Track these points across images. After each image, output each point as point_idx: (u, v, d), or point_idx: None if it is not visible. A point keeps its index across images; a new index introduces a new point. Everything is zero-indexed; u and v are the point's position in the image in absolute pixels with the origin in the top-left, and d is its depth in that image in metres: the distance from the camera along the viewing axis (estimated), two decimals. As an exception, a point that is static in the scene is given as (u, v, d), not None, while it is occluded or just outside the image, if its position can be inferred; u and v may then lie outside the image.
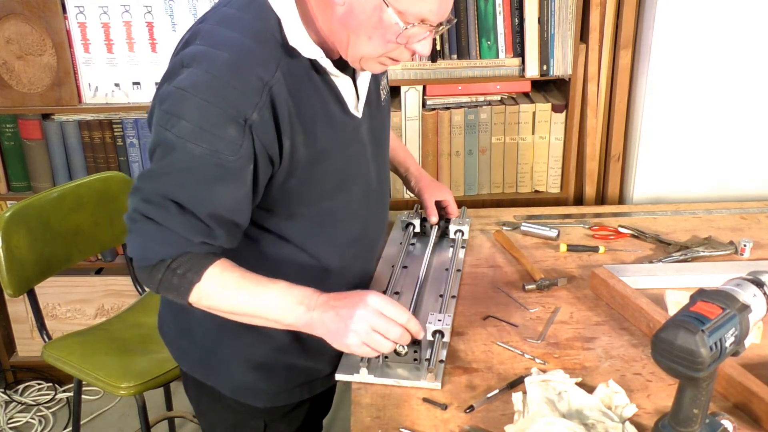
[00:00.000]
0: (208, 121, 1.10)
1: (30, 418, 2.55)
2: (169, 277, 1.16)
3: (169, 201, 1.13)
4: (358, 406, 1.24)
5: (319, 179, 1.25)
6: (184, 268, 1.15)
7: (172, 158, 1.12)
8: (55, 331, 2.37)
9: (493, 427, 1.18)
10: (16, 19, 2.19)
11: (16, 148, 2.37)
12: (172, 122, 1.11)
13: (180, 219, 1.13)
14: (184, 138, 1.10)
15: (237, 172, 1.14)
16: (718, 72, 2.16)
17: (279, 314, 1.18)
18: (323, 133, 1.22)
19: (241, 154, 1.12)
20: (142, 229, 1.14)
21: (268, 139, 1.14)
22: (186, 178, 1.13)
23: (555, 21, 2.20)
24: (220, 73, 1.10)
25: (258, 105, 1.11)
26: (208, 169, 1.12)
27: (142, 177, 1.17)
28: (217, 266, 1.17)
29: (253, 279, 1.18)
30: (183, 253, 1.16)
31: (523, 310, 1.51)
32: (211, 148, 1.10)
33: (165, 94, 1.13)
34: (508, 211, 2.00)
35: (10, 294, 1.89)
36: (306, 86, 1.19)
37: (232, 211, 1.17)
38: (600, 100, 2.32)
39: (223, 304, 1.19)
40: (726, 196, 2.25)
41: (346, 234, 1.36)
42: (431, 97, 2.30)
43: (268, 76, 1.12)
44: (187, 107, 1.10)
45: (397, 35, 1.13)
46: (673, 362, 1.00)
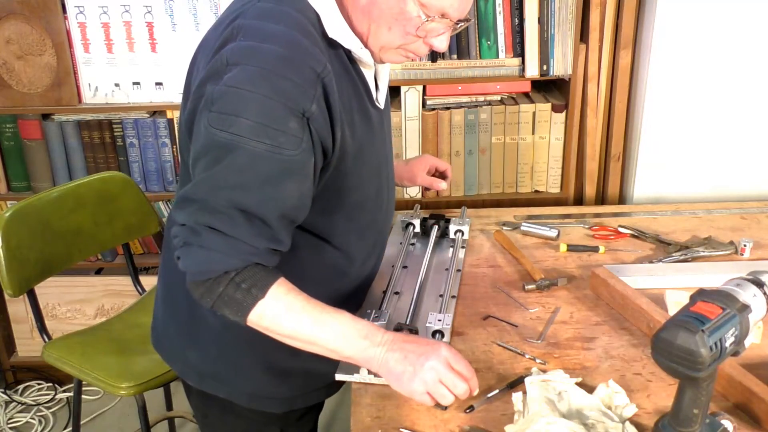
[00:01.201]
0: (269, 116, 1.06)
1: (30, 418, 2.55)
2: (231, 292, 1.11)
3: (233, 209, 1.08)
4: (358, 406, 1.24)
5: (358, 170, 1.25)
6: (249, 282, 1.11)
7: (231, 159, 1.07)
8: (55, 331, 2.37)
9: (493, 427, 1.18)
10: (16, 19, 2.19)
11: (16, 148, 2.37)
12: (228, 122, 1.07)
13: (246, 226, 1.09)
14: (244, 136, 1.06)
15: (300, 168, 1.11)
16: (718, 72, 2.16)
17: (340, 344, 1.15)
18: (360, 123, 1.23)
19: (303, 148, 1.10)
20: (205, 240, 1.08)
21: (325, 131, 1.13)
22: (248, 179, 1.08)
23: (555, 21, 2.20)
24: (275, 66, 1.07)
25: (315, 97, 1.09)
26: (271, 166, 1.08)
27: (197, 186, 1.10)
28: (282, 285, 1.14)
29: (318, 305, 1.15)
30: (247, 266, 1.11)
31: (523, 310, 1.51)
32: (274, 144, 1.07)
33: (215, 94, 1.08)
34: (508, 211, 2.00)
35: (10, 294, 1.89)
36: (345, 78, 1.19)
37: (296, 209, 1.15)
38: (600, 100, 2.32)
39: (284, 326, 1.15)
40: (726, 196, 2.25)
41: (370, 223, 1.37)
42: (431, 97, 2.30)
43: (320, 67, 1.11)
44: (244, 104, 1.06)
45: (417, 28, 1.14)
46: (673, 362, 1.00)
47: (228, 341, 1.33)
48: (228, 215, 1.08)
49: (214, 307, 1.13)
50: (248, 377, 1.36)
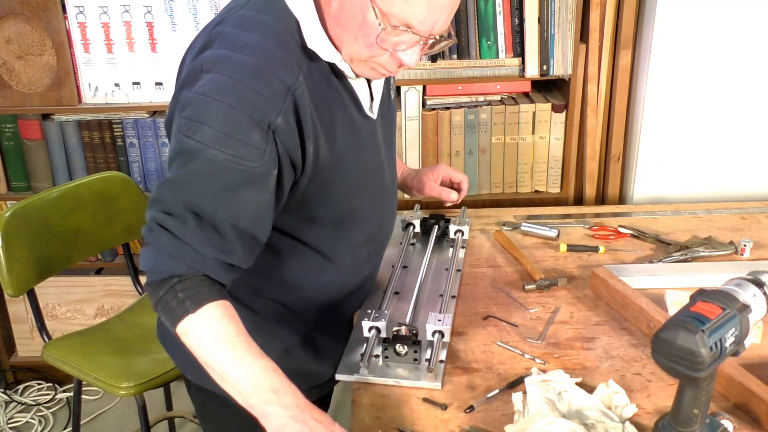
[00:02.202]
0: (232, 126, 1.07)
1: (30, 418, 2.55)
2: (169, 298, 1.10)
3: (188, 212, 1.09)
4: (358, 406, 1.24)
5: (341, 182, 1.24)
6: (187, 293, 1.09)
7: (194, 166, 1.09)
8: (55, 331, 2.37)
9: (493, 427, 1.18)
10: (16, 19, 2.19)
11: (16, 148, 2.37)
12: (193, 129, 1.08)
13: (196, 231, 1.09)
14: (206, 144, 1.07)
15: (260, 179, 1.10)
16: (718, 72, 2.16)
17: (247, 389, 1.09)
18: (343, 135, 1.21)
19: (265, 160, 1.09)
20: (156, 240, 1.10)
21: (292, 144, 1.12)
22: (207, 186, 1.09)
23: (555, 21, 2.20)
24: (244, 77, 1.08)
25: (282, 109, 1.09)
26: (230, 175, 1.09)
27: (160, 186, 1.12)
28: (219, 307, 1.10)
29: (245, 343, 1.10)
30: (192, 277, 1.10)
31: (523, 310, 1.51)
32: (235, 154, 1.07)
33: (186, 100, 1.10)
34: (508, 211, 1.99)
35: (10, 294, 1.89)
36: (325, 89, 1.18)
37: (253, 222, 1.13)
38: (600, 100, 2.32)
39: (203, 351, 1.10)
40: (726, 196, 2.25)
41: (362, 234, 1.36)
42: (431, 97, 2.30)
43: (291, 80, 1.10)
44: (209, 113, 1.07)
45: (377, 36, 1.09)
46: (673, 362, 1.00)
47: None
48: (181, 218, 1.08)
49: (156, 309, 1.12)
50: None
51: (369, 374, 1.29)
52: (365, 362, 1.29)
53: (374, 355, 1.33)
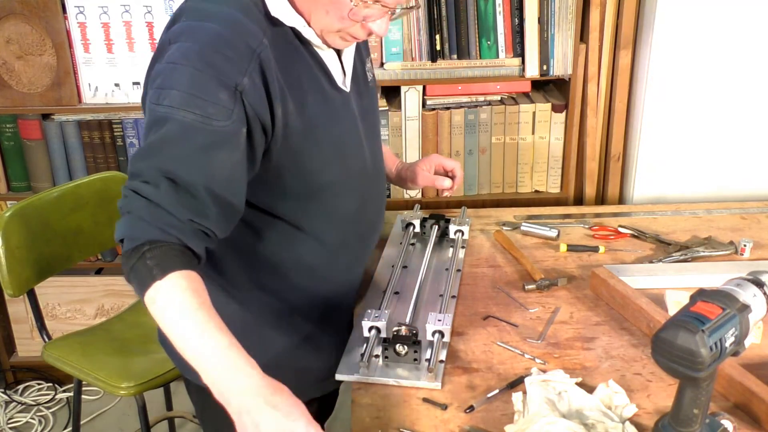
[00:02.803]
0: (199, 88, 1.10)
1: (30, 418, 2.55)
2: (139, 266, 1.07)
3: (162, 177, 1.09)
4: (358, 406, 1.24)
5: (314, 151, 1.25)
6: (156, 260, 1.07)
7: (165, 131, 1.10)
8: (55, 331, 2.37)
9: (493, 427, 1.18)
10: (16, 19, 2.19)
11: (16, 148, 2.37)
12: (163, 95, 1.11)
13: (170, 194, 1.09)
14: (175, 107, 1.10)
15: (230, 138, 1.12)
16: (718, 72, 2.16)
17: (203, 365, 1.05)
18: (314, 103, 1.23)
19: (234, 119, 1.12)
20: (130, 205, 1.10)
21: (260, 105, 1.14)
22: (179, 149, 1.10)
23: (555, 21, 2.20)
24: (210, 42, 1.12)
25: (248, 71, 1.12)
26: (201, 136, 1.10)
27: (134, 158, 1.14)
28: (185, 277, 1.07)
29: (209, 317, 1.05)
30: (164, 245, 1.07)
31: (523, 310, 1.51)
32: (203, 114, 1.10)
33: (156, 72, 1.14)
34: (508, 211, 1.99)
35: (10, 294, 1.89)
36: (292, 56, 1.21)
37: (227, 184, 1.13)
38: (600, 100, 2.33)
39: (165, 320, 1.07)
40: (726, 196, 2.25)
41: (344, 210, 1.36)
42: (431, 97, 2.30)
43: (256, 43, 1.14)
44: (177, 77, 1.10)
45: (349, 11, 1.16)
46: (673, 362, 1.00)
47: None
48: (154, 182, 1.09)
49: (129, 280, 1.09)
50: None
51: (369, 374, 1.29)
52: (365, 362, 1.29)
53: (374, 355, 1.33)
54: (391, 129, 2.28)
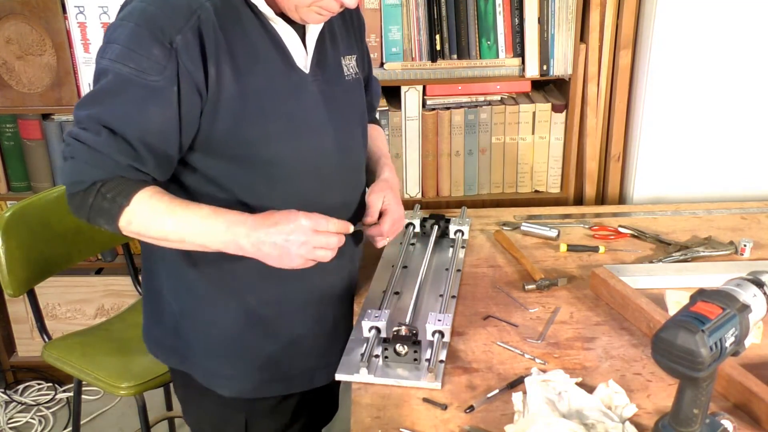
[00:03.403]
0: (135, 42, 1.17)
1: (30, 418, 2.55)
2: (99, 202, 1.20)
3: (100, 126, 1.18)
4: (358, 406, 1.24)
5: (255, 120, 1.27)
6: (114, 192, 1.19)
7: (104, 82, 1.19)
8: (55, 331, 2.37)
9: (493, 427, 1.18)
10: (16, 19, 2.19)
11: (16, 148, 2.37)
12: (107, 49, 1.19)
13: (109, 142, 1.18)
14: (114, 60, 1.17)
15: (162, 93, 1.18)
16: (718, 72, 2.16)
17: (207, 239, 1.23)
18: (260, 74, 1.26)
19: (166, 75, 1.17)
20: (73, 152, 1.19)
21: (193, 64, 1.19)
22: (116, 101, 1.18)
23: (555, 21, 2.20)
24: (153, 2, 1.19)
25: (183, 29, 1.17)
26: (135, 89, 1.17)
27: (78, 105, 1.22)
28: (147, 191, 1.21)
29: (182, 204, 1.23)
30: (113, 178, 1.20)
31: (523, 310, 1.51)
32: (137, 68, 1.17)
33: (107, 28, 1.23)
34: (508, 211, 2.00)
35: (10, 294, 1.89)
36: (240, 24, 1.24)
37: (161, 136, 1.21)
38: (600, 100, 2.32)
39: (152, 229, 1.23)
40: (726, 196, 2.25)
41: (301, 193, 1.35)
42: (431, 97, 2.30)
43: (197, 4, 1.19)
44: (119, 32, 1.19)
45: None
46: (673, 362, 1.00)
47: (174, 311, 1.42)
48: (94, 130, 1.18)
49: (89, 220, 1.22)
50: (195, 352, 1.43)
51: (369, 374, 1.29)
52: (365, 362, 1.29)
53: (374, 355, 1.33)
54: (391, 129, 2.28)
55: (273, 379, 1.46)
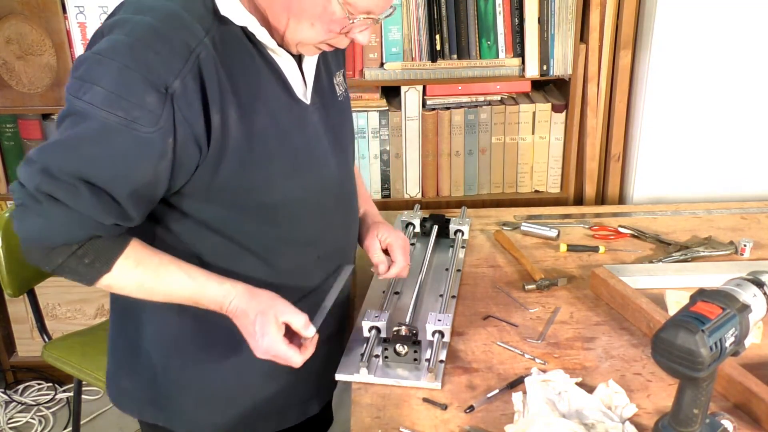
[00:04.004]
0: (125, 87, 1.00)
1: (30, 418, 2.55)
2: (72, 264, 1.08)
3: (79, 181, 1.02)
4: (358, 406, 1.24)
5: (261, 165, 1.15)
6: (93, 256, 1.08)
7: (84, 128, 1.01)
8: (55, 331, 2.37)
9: (493, 427, 1.18)
10: (16, 19, 2.19)
11: (16, 148, 2.37)
12: (84, 89, 1.01)
13: (92, 201, 1.03)
14: (97, 106, 1.00)
15: (155, 145, 1.03)
16: (719, 72, 2.16)
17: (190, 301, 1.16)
18: (263, 111, 1.14)
19: (161, 126, 1.02)
20: (47, 211, 1.03)
21: (193, 113, 1.04)
22: (99, 152, 1.02)
23: (555, 21, 2.20)
24: (142, 36, 1.02)
25: (182, 72, 1.02)
26: (123, 141, 1.02)
27: (44, 151, 1.04)
28: (130, 257, 1.10)
29: (167, 273, 1.13)
30: (89, 240, 1.07)
31: (523, 310, 1.51)
32: (127, 117, 1.01)
33: (79, 60, 1.05)
34: (508, 211, 2.00)
35: (10, 294, 1.89)
36: (242, 58, 1.11)
37: (150, 188, 1.08)
38: (600, 100, 2.32)
39: (134, 293, 1.14)
40: (726, 196, 2.25)
41: (300, 232, 1.25)
42: (431, 97, 2.30)
43: (195, 41, 1.04)
44: (102, 72, 1.01)
45: (342, 27, 1.10)
46: (673, 362, 1.00)
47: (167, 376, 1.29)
48: (73, 187, 1.02)
49: (53, 272, 1.11)
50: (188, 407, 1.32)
51: (369, 374, 1.29)
52: (365, 362, 1.29)
53: (374, 355, 1.33)
54: (391, 129, 2.28)
55: (267, 418, 1.37)
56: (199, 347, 1.28)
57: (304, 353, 1.17)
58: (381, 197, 2.35)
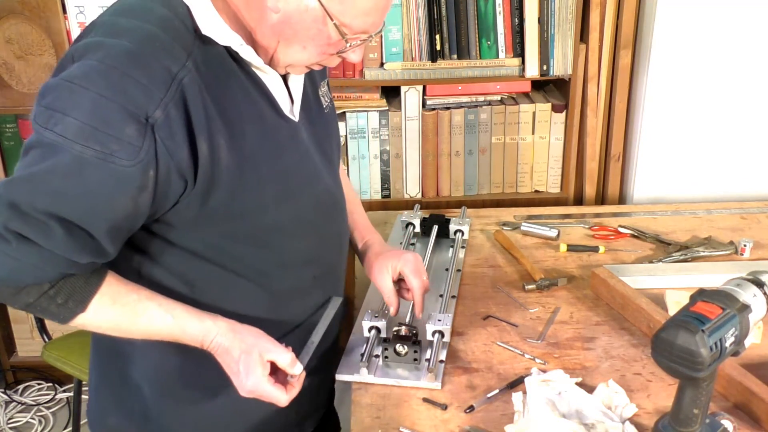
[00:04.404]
0: (101, 118, 0.92)
1: (30, 418, 2.55)
2: (44, 304, 1.00)
3: (51, 217, 0.94)
4: (358, 406, 1.24)
5: (255, 189, 1.08)
6: (65, 295, 1.00)
7: (54, 162, 0.93)
8: (55, 331, 2.37)
9: (493, 427, 1.18)
10: (16, 19, 2.19)
11: (16, 148, 2.37)
12: (54, 119, 0.92)
13: (66, 240, 0.95)
14: (70, 138, 0.92)
15: (135, 180, 0.95)
16: (718, 72, 2.16)
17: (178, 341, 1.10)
18: (252, 134, 1.07)
19: (141, 159, 0.94)
20: (15, 251, 0.95)
21: (177, 142, 0.96)
22: (73, 187, 0.94)
23: (555, 21, 2.20)
24: (118, 62, 0.94)
25: (163, 101, 0.95)
26: (100, 175, 0.94)
27: (14, 182, 0.95)
28: (106, 294, 1.03)
29: (145, 313, 1.06)
30: (60, 279, 1.00)
31: (523, 310, 1.51)
32: (105, 151, 0.92)
33: (47, 87, 0.95)
34: (508, 211, 2.00)
35: (10, 294, 1.88)
36: (226, 80, 1.04)
37: (128, 221, 1.00)
38: (600, 100, 2.32)
39: (111, 331, 1.08)
40: (726, 196, 2.25)
41: (295, 253, 1.19)
42: (431, 97, 2.30)
43: (177, 66, 0.97)
44: (74, 101, 0.92)
45: (338, 49, 1.06)
46: (673, 362, 1.00)
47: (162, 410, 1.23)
48: (44, 225, 0.94)
49: (25, 310, 1.03)
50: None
51: (369, 374, 1.29)
52: (365, 362, 1.29)
53: (374, 355, 1.33)
54: (391, 129, 2.28)
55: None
56: (191, 382, 1.21)
57: (290, 392, 1.12)
58: (381, 197, 2.35)
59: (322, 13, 1.00)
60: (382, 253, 1.37)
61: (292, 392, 1.12)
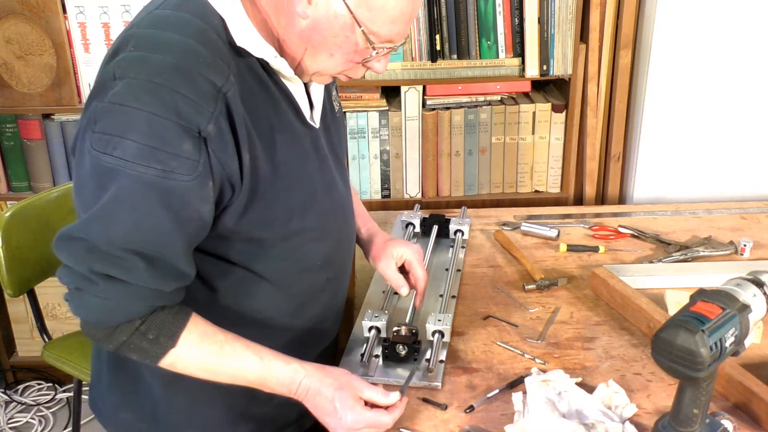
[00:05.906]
0: (159, 137, 0.94)
1: (30, 418, 2.55)
2: (137, 341, 1.03)
3: (130, 252, 0.97)
4: (358, 406, 1.24)
5: (283, 197, 1.11)
6: (156, 331, 1.03)
7: (118, 191, 0.95)
8: (55, 331, 2.37)
9: (493, 427, 1.18)
10: (16, 19, 2.19)
11: (16, 148, 2.37)
12: (113, 144, 0.94)
13: (149, 271, 0.98)
14: (130, 160, 0.94)
15: (196, 194, 0.98)
16: (718, 72, 2.16)
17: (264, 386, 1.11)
18: (282, 143, 1.10)
19: (199, 172, 0.97)
20: (103, 291, 0.98)
21: (227, 154, 1.00)
22: (141, 216, 0.96)
23: (555, 21, 2.20)
24: (165, 79, 0.95)
25: (214, 115, 0.97)
26: (162, 195, 0.96)
27: (84, 225, 0.98)
28: (193, 331, 1.06)
29: (235, 351, 1.08)
30: (151, 313, 1.03)
31: (523, 310, 1.51)
32: (165, 169, 0.95)
33: (98, 112, 0.97)
34: (508, 211, 2.00)
35: (10, 294, 1.89)
36: (259, 91, 1.07)
37: (198, 233, 1.04)
38: (600, 100, 2.32)
39: (198, 373, 1.09)
40: (726, 196, 2.25)
41: (316, 256, 1.22)
42: (431, 97, 2.30)
43: (221, 80, 0.99)
44: (129, 123, 0.94)
45: (364, 58, 1.07)
46: (673, 362, 1.00)
47: (170, 405, 1.24)
48: (126, 261, 0.97)
49: (118, 351, 1.05)
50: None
51: (369, 374, 1.28)
52: (365, 362, 1.29)
53: (374, 355, 1.33)
54: (391, 129, 2.28)
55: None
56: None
57: (393, 412, 1.13)
58: (381, 197, 2.36)
59: (350, 20, 1.01)
60: (389, 240, 1.43)
61: (396, 412, 1.14)
